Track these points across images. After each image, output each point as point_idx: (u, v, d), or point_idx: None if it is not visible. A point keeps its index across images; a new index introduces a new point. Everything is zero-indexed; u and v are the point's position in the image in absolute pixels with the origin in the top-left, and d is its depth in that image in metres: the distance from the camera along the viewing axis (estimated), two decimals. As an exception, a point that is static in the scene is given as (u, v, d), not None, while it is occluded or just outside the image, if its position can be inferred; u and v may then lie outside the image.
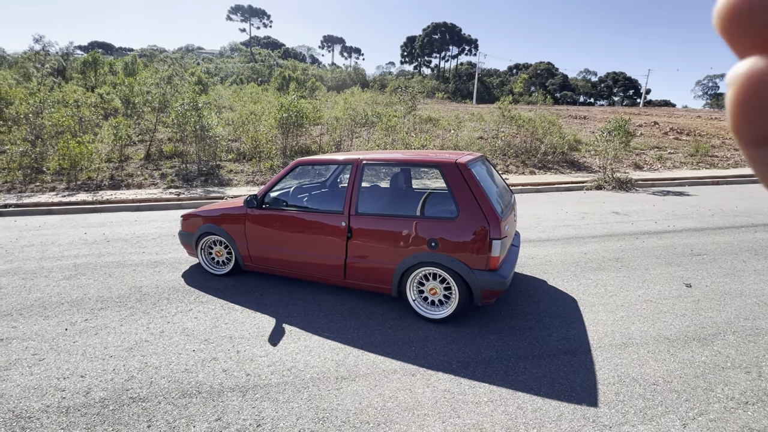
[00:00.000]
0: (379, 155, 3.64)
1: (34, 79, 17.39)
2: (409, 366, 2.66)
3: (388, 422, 2.16)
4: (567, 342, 2.94)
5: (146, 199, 8.39)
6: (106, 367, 2.63)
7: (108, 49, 64.75)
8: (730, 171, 13.28)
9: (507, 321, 3.25)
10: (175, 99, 11.61)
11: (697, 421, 2.16)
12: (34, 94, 11.46)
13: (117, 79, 17.69)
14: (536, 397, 2.35)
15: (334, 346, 2.89)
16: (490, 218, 2.93)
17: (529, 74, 57.50)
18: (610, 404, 2.29)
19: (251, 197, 3.78)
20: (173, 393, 2.38)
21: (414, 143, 12.47)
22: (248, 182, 10.42)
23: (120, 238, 5.68)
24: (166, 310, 3.45)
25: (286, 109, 12.21)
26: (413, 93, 16.87)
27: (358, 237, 3.36)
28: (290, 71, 34.63)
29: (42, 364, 2.66)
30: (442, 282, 3.18)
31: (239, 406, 2.28)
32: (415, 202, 3.71)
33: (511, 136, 15.00)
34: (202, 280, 4.12)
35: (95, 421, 2.16)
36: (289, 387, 2.45)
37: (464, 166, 3.11)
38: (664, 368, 2.62)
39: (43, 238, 5.69)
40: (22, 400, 2.31)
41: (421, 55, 65.05)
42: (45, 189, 9.23)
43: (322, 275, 3.64)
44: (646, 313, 3.39)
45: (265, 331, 3.10)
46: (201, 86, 20.52)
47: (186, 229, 4.32)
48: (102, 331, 3.09)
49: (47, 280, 4.13)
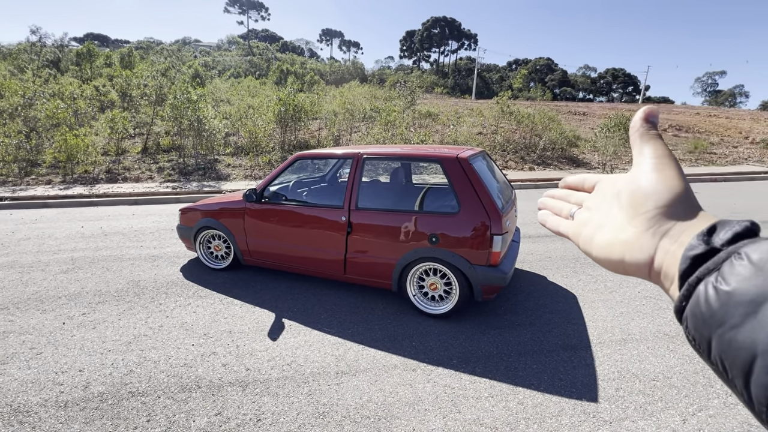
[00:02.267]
0: (380, 149, 3.61)
1: (29, 71, 17.17)
2: (410, 361, 2.66)
3: (389, 417, 2.16)
4: (567, 338, 2.94)
5: (143, 193, 8.33)
6: (105, 362, 2.61)
7: (104, 41, 63.99)
8: (728, 168, 13.31)
9: (507, 317, 3.25)
10: (171, 92, 11.49)
11: (696, 416, 2.17)
12: (27, 86, 11.31)
13: (113, 72, 17.50)
14: (537, 392, 2.36)
15: (334, 341, 2.88)
16: (491, 213, 2.91)
17: (529, 70, 57.30)
18: (611, 400, 2.29)
19: (250, 191, 3.75)
20: (172, 387, 2.37)
21: (413, 138, 12.43)
22: (246, 176, 10.36)
23: (117, 232, 5.64)
24: (165, 305, 3.43)
25: (284, 102, 12.12)
26: (412, 88, 16.77)
27: (359, 232, 3.34)
28: (288, 65, 34.34)
29: (40, 358, 2.64)
30: (442, 277, 3.17)
31: (239, 400, 2.27)
32: (416, 197, 3.68)
33: (511, 131, 14.97)
34: (200, 274, 4.10)
35: (94, 416, 2.14)
36: (289, 382, 2.44)
37: (465, 160, 3.09)
38: (663, 364, 2.62)
39: (40, 232, 5.64)
40: (20, 395, 2.29)
41: (421, 50, 64.67)
42: (41, 182, 9.15)
43: (322, 270, 3.62)
44: (645, 309, 3.40)
45: (264, 326, 3.08)
46: (198, 79, 20.34)
47: (184, 223, 4.29)
48: (100, 325, 3.07)
49: (44, 273, 4.09)
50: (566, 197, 0.48)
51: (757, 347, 0.23)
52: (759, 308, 0.24)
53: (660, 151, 0.36)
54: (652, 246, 0.33)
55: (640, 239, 0.34)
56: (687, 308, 0.29)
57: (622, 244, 0.36)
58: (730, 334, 0.25)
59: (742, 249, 0.27)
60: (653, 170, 0.35)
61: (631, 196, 0.36)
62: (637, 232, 0.35)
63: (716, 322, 0.26)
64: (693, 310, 0.28)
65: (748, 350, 0.24)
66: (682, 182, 0.34)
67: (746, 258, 0.26)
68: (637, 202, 0.35)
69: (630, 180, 0.37)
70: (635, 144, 0.39)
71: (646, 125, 0.38)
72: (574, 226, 0.43)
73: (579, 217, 0.43)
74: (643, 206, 0.35)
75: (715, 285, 0.27)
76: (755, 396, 0.24)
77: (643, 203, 0.35)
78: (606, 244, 0.37)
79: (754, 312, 0.24)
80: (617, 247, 0.36)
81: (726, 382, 0.27)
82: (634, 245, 0.35)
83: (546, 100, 21.48)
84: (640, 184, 0.36)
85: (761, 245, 0.26)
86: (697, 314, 0.28)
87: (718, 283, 0.27)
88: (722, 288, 0.26)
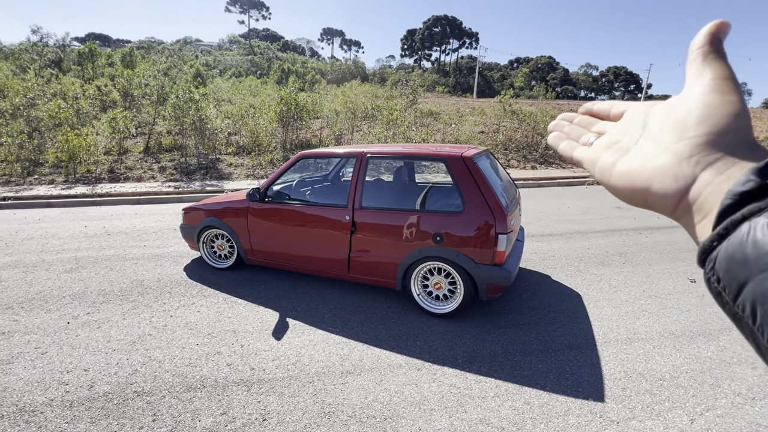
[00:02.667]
0: (384, 148, 3.60)
1: (31, 71, 17.19)
2: (415, 361, 2.65)
3: (395, 417, 2.15)
4: (572, 337, 2.93)
5: (146, 193, 8.34)
6: (110, 361, 2.61)
7: (105, 41, 64.05)
8: (731, 166, 13.24)
9: (512, 316, 3.24)
10: (173, 91, 11.50)
11: (704, 416, 2.15)
12: (29, 86, 11.33)
13: (115, 71, 17.51)
14: (543, 392, 2.35)
15: (339, 341, 2.88)
16: (496, 212, 2.90)
17: (530, 68, 57.14)
18: (617, 399, 2.28)
19: (254, 190, 3.74)
20: (178, 387, 2.37)
21: (415, 137, 12.41)
22: (248, 176, 10.36)
23: (120, 232, 5.64)
24: (169, 304, 3.43)
25: (286, 102, 12.11)
26: (414, 86, 16.74)
27: (362, 231, 3.33)
28: (289, 64, 34.32)
29: (45, 358, 2.64)
30: (446, 276, 3.16)
31: (244, 400, 2.27)
32: (420, 197, 3.67)
33: (513, 130, 14.93)
34: (204, 273, 4.09)
35: (100, 415, 2.14)
36: (294, 381, 2.43)
37: (470, 159, 3.07)
38: (670, 363, 2.61)
39: (43, 231, 5.65)
40: (25, 394, 2.29)
41: (422, 49, 64.54)
42: (43, 182, 9.17)
43: (326, 269, 3.62)
44: (650, 308, 3.38)
45: (268, 325, 3.08)
46: (200, 79, 20.34)
47: (188, 222, 4.29)
48: (104, 325, 3.07)
49: (48, 273, 4.10)
50: (587, 124, 0.43)
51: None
52: None
53: (726, 72, 0.31)
54: (691, 176, 0.30)
55: (680, 166, 0.30)
56: (721, 248, 0.27)
57: (653, 171, 0.32)
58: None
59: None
60: (715, 91, 0.31)
61: (680, 118, 0.32)
62: (677, 158, 0.31)
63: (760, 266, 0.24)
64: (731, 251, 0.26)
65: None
66: (745, 110, 0.30)
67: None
68: (686, 125, 0.31)
69: (679, 102, 0.33)
70: (694, 65, 0.33)
71: (712, 44, 0.32)
72: (592, 152, 0.39)
73: (599, 143, 0.39)
74: (693, 130, 0.31)
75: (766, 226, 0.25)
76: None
77: (695, 126, 0.31)
78: (631, 171, 0.34)
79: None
80: (645, 175, 0.33)
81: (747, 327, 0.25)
82: (668, 172, 0.31)
83: (549, 99, 21.40)
84: (694, 105, 0.31)
85: None
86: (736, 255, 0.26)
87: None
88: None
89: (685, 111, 0.32)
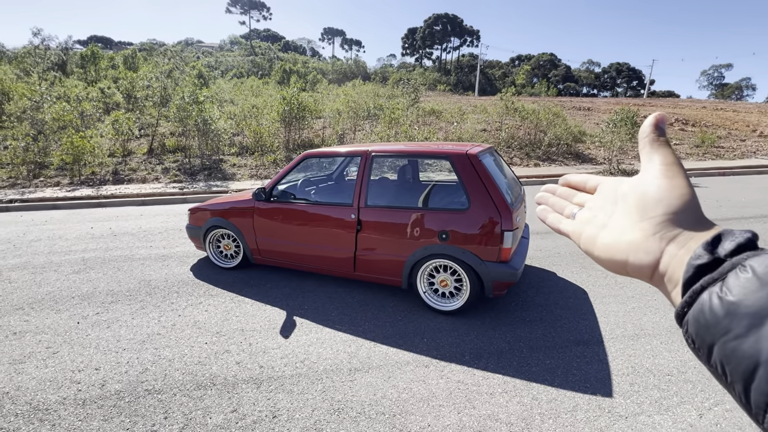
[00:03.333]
0: (389, 147, 3.61)
1: (34, 74, 17.29)
2: (422, 357, 2.66)
3: (404, 413, 2.17)
4: (579, 333, 2.93)
5: (150, 194, 8.39)
6: (120, 360, 2.64)
7: (107, 44, 64.31)
8: (736, 162, 13.17)
9: (518, 312, 3.25)
10: (176, 93, 11.54)
11: (713, 411, 2.16)
12: (34, 89, 11.40)
13: (118, 74, 17.60)
14: (550, 387, 2.35)
15: (346, 338, 2.90)
16: (502, 209, 2.91)
17: (532, 66, 56.95)
18: (625, 395, 2.28)
19: (259, 190, 3.76)
20: (188, 385, 2.39)
21: (417, 136, 12.40)
22: (252, 176, 10.40)
23: (127, 233, 5.68)
24: (177, 304, 3.46)
25: (288, 102, 12.13)
26: (416, 85, 16.72)
27: (368, 229, 3.34)
28: (291, 64, 34.34)
29: (56, 357, 2.67)
30: (452, 274, 3.17)
31: (254, 397, 2.29)
32: (425, 194, 3.68)
33: (515, 128, 14.89)
34: (210, 273, 4.12)
35: (112, 413, 2.17)
36: (303, 379, 2.45)
37: (475, 157, 3.08)
38: (677, 359, 2.61)
39: (50, 233, 5.70)
40: (38, 393, 2.33)
41: (423, 47, 64.44)
42: (49, 184, 9.24)
43: (332, 268, 3.63)
44: (657, 304, 3.38)
45: (276, 324, 3.10)
46: (202, 80, 20.39)
47: (194, 222, 4.32)
48: (114, 325, 3.10)
49: (57, 274, 4.14)
50: (569, 197, 0.49)
51: (761, 357, 0.25)
52: (763, 321, 0.26)
53: (670, 158, 0.37)
54: (658, 250, 0.34)
55: (647, 242, 0.35)
56: (689, 314, 0.30)
57: (627, 245, 0.37)
58: (733, 343, 0.27)
59: (747, 261, 0.28)
60: (663, 177, 0.36)
61: (640, 200, 0.37)
62: (644, 235, 0.36)
63: (720, 331, 0.28)
64: (696, 316, 0.30)
65: (750, 359, 0.26)
66: (690, 191, 0.35)
67: (751, 271, 0.27)
68: (646, 206, 0.36)
69: (638, 184, 0.39)
70: (645, 150, 0.40)
71: (656, 132, 0.39)
72: (575, 225, 0.44)
73: (581, 217, 0.44)
74: (652, 211, 0.36)
75: (720, 295, 0.28)
76: (754, 401, 0.25)
77: (653, 208, 0.36)
78: (610, 245, 0.39)
79: (759, 324, 0.26)
80: (622, 248, 0.37)
81: (723, 383, 0.29)
82: (639, 247, 0.36)
83: (551, 96, 21.32)
84: (649, 189, 0.37)
85: (765, 258, 0.28)
86: (700, 321, 0.29)
87: (723, 294, 0.28)
88: (727, 298, 0.28)
89: (643, 192, 0.37)
